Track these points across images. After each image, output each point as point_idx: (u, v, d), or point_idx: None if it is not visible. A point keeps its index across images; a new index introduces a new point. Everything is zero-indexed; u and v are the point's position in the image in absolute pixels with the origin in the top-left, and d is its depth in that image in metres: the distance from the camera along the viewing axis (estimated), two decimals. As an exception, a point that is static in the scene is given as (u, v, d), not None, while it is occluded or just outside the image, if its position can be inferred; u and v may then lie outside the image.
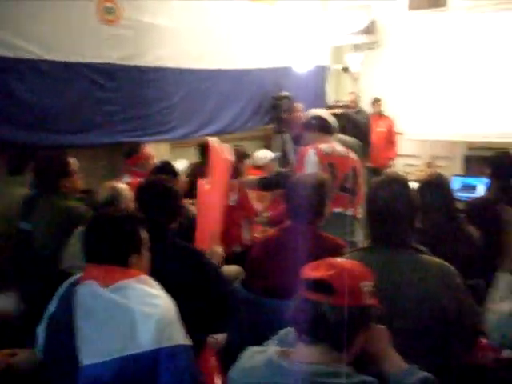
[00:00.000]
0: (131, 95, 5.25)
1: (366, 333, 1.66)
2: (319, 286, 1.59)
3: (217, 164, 3.87)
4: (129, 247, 2.15)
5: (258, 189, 4.80)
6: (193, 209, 4.27)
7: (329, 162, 4.15)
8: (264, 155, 5.73)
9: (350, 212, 4.13)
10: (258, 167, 6.04)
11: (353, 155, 4.28)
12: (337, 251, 2.60)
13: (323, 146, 4.22)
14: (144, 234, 2.23)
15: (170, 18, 5.66)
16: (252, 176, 5.14)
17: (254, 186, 4.75)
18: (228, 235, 4.46)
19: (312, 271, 1.63)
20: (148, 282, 2.12)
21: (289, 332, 1.71)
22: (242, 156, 4.96)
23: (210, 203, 3.69)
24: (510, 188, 4.11)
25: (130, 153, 4.78)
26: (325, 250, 2.59)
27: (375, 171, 7.09)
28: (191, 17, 5.94)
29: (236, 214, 4.60)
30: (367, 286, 1.63)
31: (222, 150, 3.99)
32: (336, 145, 4.28)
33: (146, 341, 1.94)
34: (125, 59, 5.18)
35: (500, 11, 7.65)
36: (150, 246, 2.26)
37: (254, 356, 1.72)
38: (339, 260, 1.70)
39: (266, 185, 4.59)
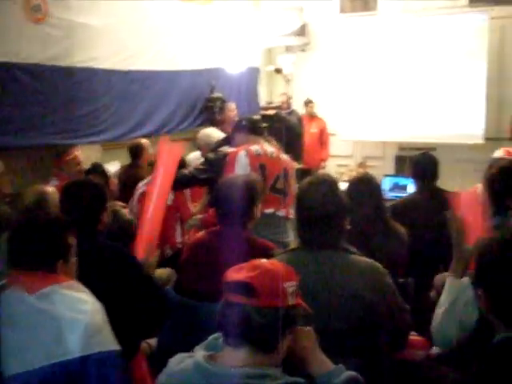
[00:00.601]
0: (60, 97, 5.10)
1: (293, 334, 1.65)
2: (241, 288, 1.56)
3: (164, 166, 3.77)
4: (55, 253, 2.10)
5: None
6: (125, 212, 4.20)
7: (260, 163, 4.16)
8: (197, 157, 5.68)
9: (281, 213, 4.15)
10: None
11: (284, 156, 4.31)
12: (265, 253, 2.59)
13: (254, 148, 4.23)
14: (71, 240, 2.18)
15: (99, 17, 5.53)
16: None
17: None
18: (160, 237, 4.40)
19: (234, 273, 1.61)
20: (76, 287, 2.07)
21: (218, 337, 1.69)
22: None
23: (151, 208, 3.60)
24: (431, 189, 4.19)
25: (58, 155, 4.67)
26: (253, 252, 2.57)
27: (307, 172, 7.15)
28: (122, 17, 5.84)
29: (170, 215, 4.51)
30: (291, 286, 1.61)
31: (173, 151, 3.90)
32: (267, 146, 4.29)
33: (73, 348, 1.90)
34: (53, 59, 5.02)
35: (429, 16, 7.87)
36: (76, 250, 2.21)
37: (182, 361, 1.69)
38: (262, 261, 1.65)
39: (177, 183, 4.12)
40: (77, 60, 5.27)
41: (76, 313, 1.96)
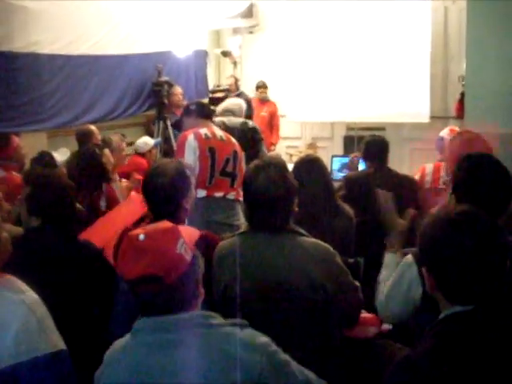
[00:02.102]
0: (1, 83, 4.95)
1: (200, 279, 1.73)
2: (146, 280, 1.59)
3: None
4: None
5: None
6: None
7: (209, 146, 4.15)
8: (145, 142, 5.63)
9: (231, 196, 4.17)
10: (141, 154, 5.95)
11: (233, 139, 4.30)
12: (204, 244, 2.56)
13: (203, 131, 4.21)
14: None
15: (40, 0, 5.38)
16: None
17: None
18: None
19: (133, 269, 1.60)
20: (9, 284, 1.91)
21: None
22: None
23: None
24: (382, 169, 4.27)
25: (0, 147, 4.53)
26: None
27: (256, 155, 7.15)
28: (65, 0, 5.69)
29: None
30: (181, 245, 1.63)
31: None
32: (216, 129, 4.29)
33: (3, 356, 1.76)
34: (-8, 44, 4.88)
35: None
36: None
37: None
38: (146, 243, 1.61)
39: None
40: (17, 45, 5.10)
41: (6, 317, 1.81)
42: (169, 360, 1.60)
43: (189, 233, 1.72)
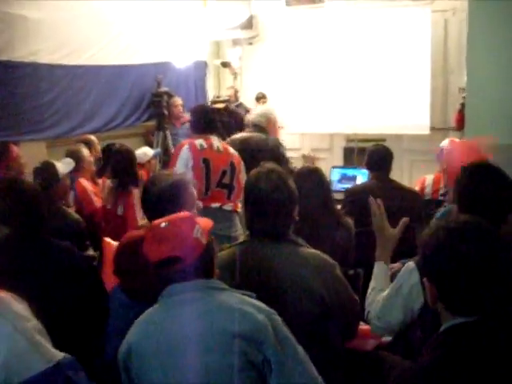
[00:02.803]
0: (0, 92, 4.94)
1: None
2: (169, 262, 1.84)
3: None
4: None
5: None
6: (72, 212, 4.12)
7: (203, 157, 4.12)
8: (145, 153, 5.61)
9: (228, 207, 4.15)
10: (141, 165, 5.93)
11: (232, 151, 4.28)
12: None
13: (198, 142, 4.20)
14: None
15: (41, 10, 5.35)
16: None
17: None
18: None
19: (158, 252, 1.85)
20: None
21: None
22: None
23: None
24: (384, 179, 4.24)
25: None
26: None
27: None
28: (65, 10, 5.67)
29: (120, 225, 4.35)
30: (197, 230, 1.87)
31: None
32: (214, 140, 4.26)
33: None
34: (-9, 54, 4.87)
35: (374, 9, 7.95)
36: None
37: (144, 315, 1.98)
38: (167, 228, 1.89)
39: None
40: (18, 54, 5.11)
41: None
42: (179, 315, 1.84)
43: (203, 221, 1.97)
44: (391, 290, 2.33)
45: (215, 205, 4.05)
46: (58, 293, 2.53)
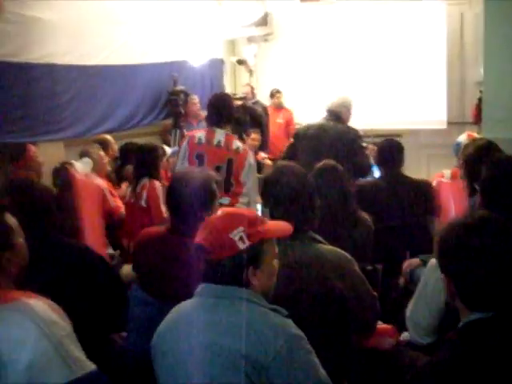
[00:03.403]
0: (17, 94, 4.96)
1: (263, 267, 1.85)
2: (199, 249, 1.83)
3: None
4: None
5: None
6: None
7: (197, 152, 4.12)
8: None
9: (225, 200, 4.06)
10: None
11: (234, 146, 4.20)
12: None
13: (198, 135, 4.22)
14: (12, 220, 2.00)
15: (56, 11, 5.38)
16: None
17: None
18: (134, 237, 4.35)
19: (198, 236, 1.85)
20: (20, 307, 1.79)
21: None
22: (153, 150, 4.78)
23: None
24: (395, 175, 4.20)
25: (17, 156, 4.56)
26: None
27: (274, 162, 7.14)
28: (80, 11, 5.69)
29: (143, 216, 4.43)
30: (237, 232, 1.79)
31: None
32: (218, 134, 4.21)
33: None
34: (8, 56, 4.87)
35: (389, 2, 7.90)
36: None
37: (178, 306, 1.96)
38: (212, 217, 1.91)
39: None
40: (33, 56, 5.13)
41: (15, 348, 1.71)
42: (196, 319, 1.81)
43: (253, 222, 1.84)
44: (418, 290, 2.33)
45: None
46: (71, 291, 2.54)
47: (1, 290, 1.87)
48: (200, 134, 4.26)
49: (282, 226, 2.00)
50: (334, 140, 4.63)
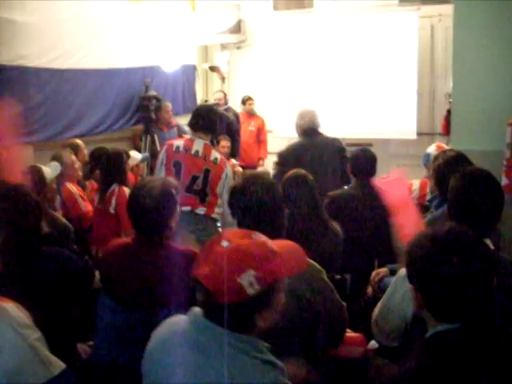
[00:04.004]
0: (-14, 96, 4.93)
1: (273, 306, 1.63)
2: (200, 285, 1.57)
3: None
4: None
5: None
6: (60, 217, 4.11)
7: (174, 160, 4.11)
8: (133, 157, 5.61)
9: (201, 211, 4.10)
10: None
11: (212, 157, 4.17)
12: (187, 261, 2.55)
13: (176, 143, 4.21)
14: None
15: (29, 14, 5.35)
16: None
17: None
18: (104, 243, 4.31)
19: (198, 266, 1.59)
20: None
21: None
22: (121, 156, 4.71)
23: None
24: (368, 184, 4.19)
25: None
26: (173, 261, 2.54)
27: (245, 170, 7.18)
28: (53, 14, 5.68)
29: (112, 223, 4.40)
30: (247, 276, 1.53)
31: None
32: (197, 143, 4.19)
33: None
34: (-24, 57, 4.86)
35: (362, 14, 7.99)
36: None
37: (171, 322, 1.74)
38: (218, 253, 1.56)
39: None
40: (5, 58, 5.10)
41: None
42: (190, 355, 1.59)
43: (266, 265, 1.58)
44: (385, 297, 2.35)
45: (186, 208, 3.99)
46: (52, 300, 2.53)
47: None
48: (178, 142, 4.25)
49: (297, 260, 1.77)
50: (325, 151, 4.66)
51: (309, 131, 5.08)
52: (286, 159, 4.88)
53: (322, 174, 4.44)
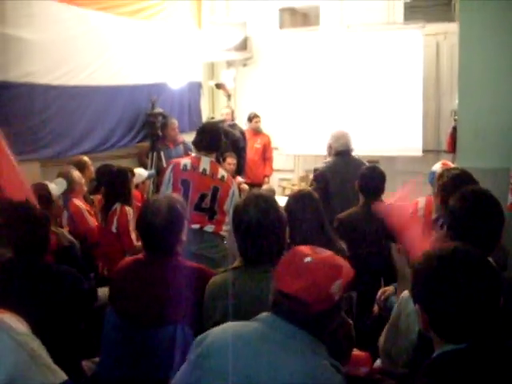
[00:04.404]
0: (-6, 112, 4.96)
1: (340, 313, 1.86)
2: (296, 300, 1.69)
3: None
4: None
5: None
6: (67, 234, 4.12)
7: (182, 178, 4.12)
8: (139, 173, 5.62)
9: (209, 228, 4.12)
10: (135, 186, 5.94)
11: (220, 175, 4.20)
12: (200, 277, 2.56)
13: (183, 162, 4.22)
14: None
15: (37, 31, 5.39)
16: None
17: None
18: (109, 260, 4.33)
19: (289, 283, 1.71)
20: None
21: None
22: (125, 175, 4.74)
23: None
24: (374, 204, 4.17)
25: None
26: (184, 278, 2.55)
27: (251, 187, 7.19)
28: (60, 31, 5.72)
29: (115, 242, 4.42)
30: (336, 285, 1.71)
31: None
32: (204, 161, 4.22)
33: None
34: (-14, 74, 4.89)
35: (367, 32, 8.03)
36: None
37: (235, 325, 1.82)
38: (308, 267, 1.72)
39: None
40: (13, 75, 5.13)
41: None
42: (266, 352, 1.69)
43: (347, 272, 1.78)
44: (390, 321, 2.34)
45: (195, 226, 4.01)
46: (57, 317, 2.54)
47: None
48: (185, 161, 4.26)
49: (347, 265, 1.85)
50: (355, 172, 4.61)
51: (342, 153, 5.24)
52: (322, 177, 5.03)
53: (351, 193, 4.49)
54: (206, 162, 4.21)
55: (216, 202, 4.13)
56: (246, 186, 6.74)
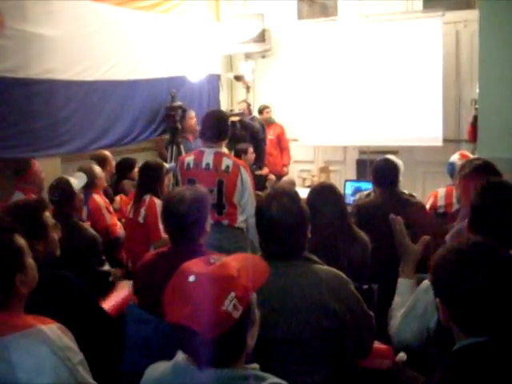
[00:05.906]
0: (16, 109, 4.98)
1: (255, 321, 1.60)
2: (185, 330, 1.48)
3: None
4: (12, 265, 1.86)
5: None
6: (89, 228, 4.15)
7: (188, 177, 4.15)
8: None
9: (225, 222, 4.14)
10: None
11: (223, 167, 4.16)
12: None
13: (187, 159, 4.25)
14: (22, 241, 1.93)
15: (57, 28, 5.41)
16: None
17: None
18: (133, 253, 4.38)
19: (173, 312, 1.50)
20: (36, 333, 1.80)
21: None
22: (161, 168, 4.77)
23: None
24: (391, 194, 4.17)
25: (21, 171, 4.60)
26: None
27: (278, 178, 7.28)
28: (80, 27, 5.74)
29: (142, 233, 4.44)
30: (230, 301, 1.47)
31: None
32: (207, 155, 4.20)
33: None
34: (9, 71, 4.90)
35: (386, 21, 7.97)
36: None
37: (159, 367, 1.66)
38: (193, 290, 1.48)
39: None
40: (34, 72, 5.17)
41: (32, 377, 1.72)
42: None
43: (243, 280, 1.54)
44: (407, 308, 2.34)
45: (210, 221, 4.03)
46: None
47: (15, 315, 1.87)
48: (189, 158, 4.26)
49: (260, 269, 1.68)
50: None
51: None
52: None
53: None
54: (208, 155, 4.20)
55: (223, 196, 4.13)
56: (272, 177, 6.73)
